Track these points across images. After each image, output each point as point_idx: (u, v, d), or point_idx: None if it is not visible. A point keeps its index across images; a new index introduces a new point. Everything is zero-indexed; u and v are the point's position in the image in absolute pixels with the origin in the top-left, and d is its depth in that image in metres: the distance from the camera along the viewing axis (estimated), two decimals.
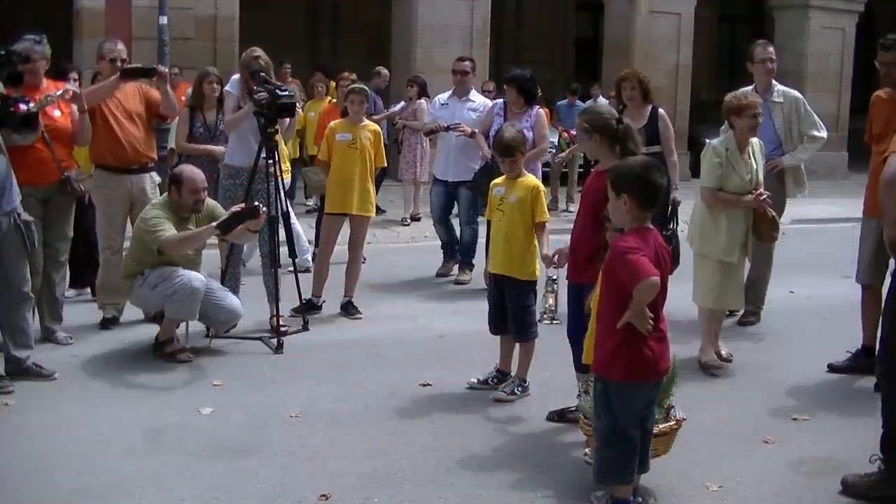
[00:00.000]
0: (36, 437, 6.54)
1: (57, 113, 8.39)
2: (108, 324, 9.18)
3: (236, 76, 9.47)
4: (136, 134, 9.08)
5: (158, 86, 8.99)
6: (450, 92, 11.88)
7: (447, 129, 11.30)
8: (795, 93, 9.85)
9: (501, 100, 11.17)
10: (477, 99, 11.84)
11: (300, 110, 13.57)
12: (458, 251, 11.75)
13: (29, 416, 6.96)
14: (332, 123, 9.87)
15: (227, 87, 9.59)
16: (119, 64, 8.88)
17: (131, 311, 9.13)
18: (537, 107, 10.81)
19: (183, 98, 15.65)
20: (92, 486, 5.81)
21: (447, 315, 9.97)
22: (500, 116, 10.71)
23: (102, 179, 9.07)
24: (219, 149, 10.21)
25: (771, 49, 9.77)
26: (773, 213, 8.38)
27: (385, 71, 17.59)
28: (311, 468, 6.06)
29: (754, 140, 8.38)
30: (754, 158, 8.30)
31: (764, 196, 8.25)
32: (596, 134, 6.40)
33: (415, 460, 6.22)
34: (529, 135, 10.00)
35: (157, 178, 9.47)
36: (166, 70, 8.88)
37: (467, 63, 11.79)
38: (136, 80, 8.95)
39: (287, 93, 8.81)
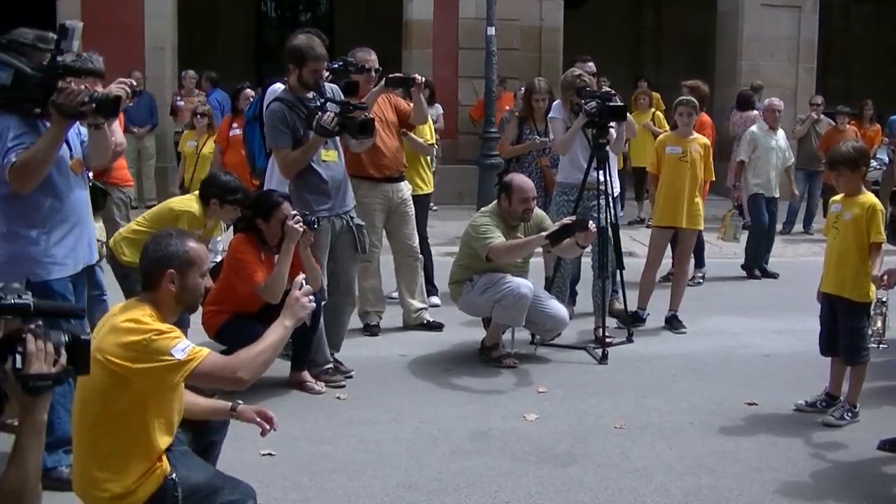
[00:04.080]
0: (367, 431, 6.78)
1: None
2: (371, 331, 9.31)
3: (557, 102, 9.54)
4: (393, 143, 9.22)
5: (413, 95, 8.98)
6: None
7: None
8: None
9: None
10: None
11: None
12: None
13: (360, 410, 7.22)
14: (661, 136, 9.78)
15: (551, 114, 9.65)
16: (374, 74, 8.90)
17: (455, 315, 9.32)
18: None
19: (506, 108, 16.00)
20: (419, 482, 5.97)
21: (772, 334, 9.70)
22: None
23: (362, 190, 8.99)
24: (539, 142, 10.29)
25: None
26: None
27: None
28: (635, 481, 6.02)
29: None
30: None
31: None
32: None
33: (740, 480, 6.08)
34: None
35: (409, 187, 9.64)
36: (422, 79, 8.86)
37: (591, 64, 10.42)
38: (397, 88, 8.92)
39: (617, 97, 8.83)
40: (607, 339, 8.81)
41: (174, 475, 4.44)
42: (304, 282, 4.62)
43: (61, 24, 5.41)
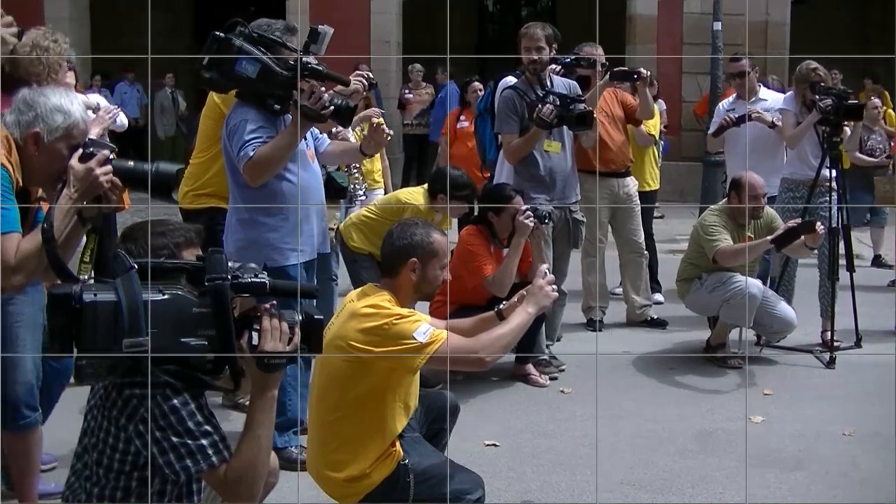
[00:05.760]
0: (590, 426, 6.76)
1: None
2: (594, 326, 9.33)
3: (790, 94, 9.35)
4: (620, 137, 9.18)
5: (639, 89, 8.93)
6: (733, 96, 10.32)
7: (736, 122, 9.51)
8: None
9: None
10: (769, 97, 9.91)
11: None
12: None
13: (583, 405, 7.24)
14: None
15: (782, 105, 9.40)
16: (601, 68, 8.83)
17: (679, 313, 9.25)
18: None
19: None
20: (643, 479, 5.97)
21: None
22: None
23: (588, 184, 8.91)
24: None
25: None
26: None
27: None
28: (865, 491, 5.87)
29: None
30: None
31: None
32: None
33: None
34: None
35: (636, 182, 9.59)
36: (648, 74, 8.74)
37: (744, 62, 9.96)
38: (623, 83, 8.97)
39: (852, 95, 8.64)
40: (835, 343, 8.58)
41: (407, 461, 4.56)
42: (547, 271, 4.68)
43: (313, 28, 5.61)
